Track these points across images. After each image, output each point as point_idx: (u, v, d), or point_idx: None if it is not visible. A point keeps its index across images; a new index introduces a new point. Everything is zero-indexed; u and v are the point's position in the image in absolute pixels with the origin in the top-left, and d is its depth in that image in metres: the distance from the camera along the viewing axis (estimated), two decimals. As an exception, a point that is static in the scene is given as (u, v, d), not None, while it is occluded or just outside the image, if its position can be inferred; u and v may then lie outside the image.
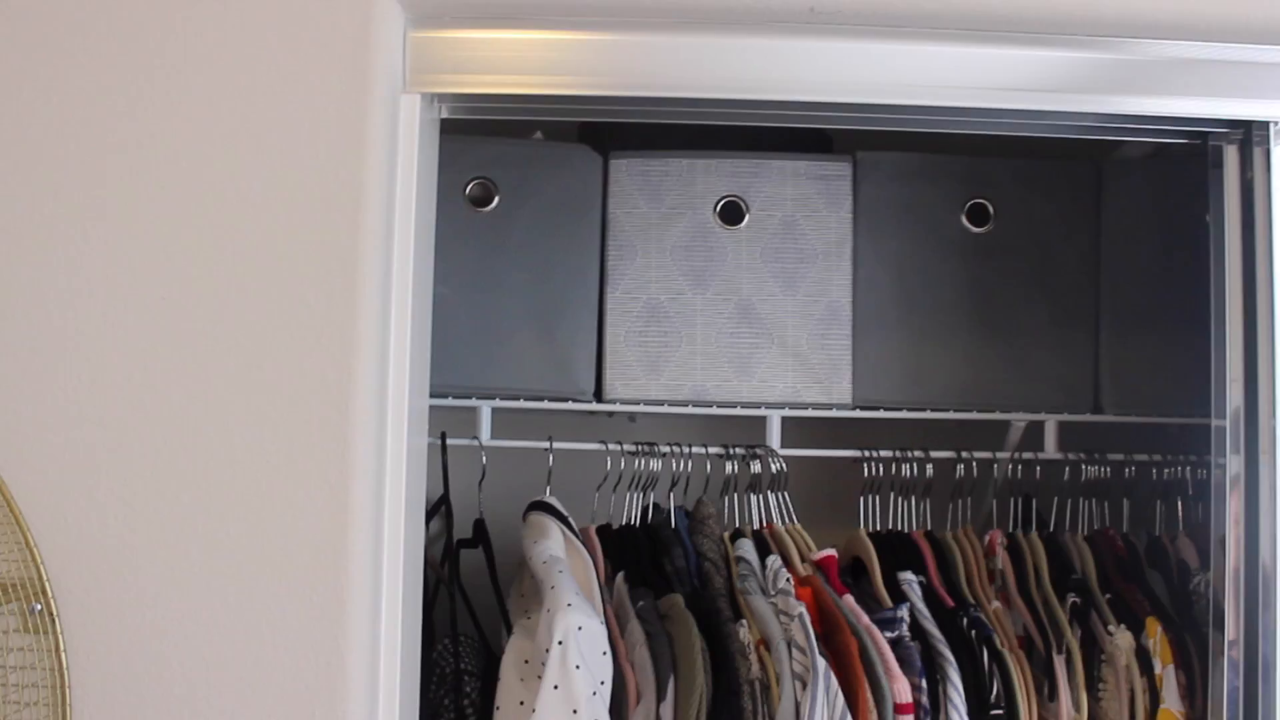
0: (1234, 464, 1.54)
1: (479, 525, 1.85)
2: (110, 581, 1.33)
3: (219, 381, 1.34)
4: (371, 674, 1.34)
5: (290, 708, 1.31)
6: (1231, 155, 1.55)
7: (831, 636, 1.63)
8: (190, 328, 1.35)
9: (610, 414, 2.12)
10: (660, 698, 1.56)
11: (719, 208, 1.89)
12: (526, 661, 1.57)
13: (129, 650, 1.32)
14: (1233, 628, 1.53)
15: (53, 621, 1.30)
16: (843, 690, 1.55)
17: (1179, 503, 1.96)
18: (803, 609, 1.59)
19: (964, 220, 1.92)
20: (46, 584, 1.31)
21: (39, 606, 1.30)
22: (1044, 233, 1.93)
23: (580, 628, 1.48)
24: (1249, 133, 1.53)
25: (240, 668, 1.31)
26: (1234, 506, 1.54)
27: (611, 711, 1.52)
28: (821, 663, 1.54)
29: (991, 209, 1.92)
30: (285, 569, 1.32)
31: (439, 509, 1.87)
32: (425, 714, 1.69)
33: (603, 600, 1.65)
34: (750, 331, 1.88)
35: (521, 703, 1.53)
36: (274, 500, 1.33)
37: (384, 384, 1.38)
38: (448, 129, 1.56)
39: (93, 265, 1.35)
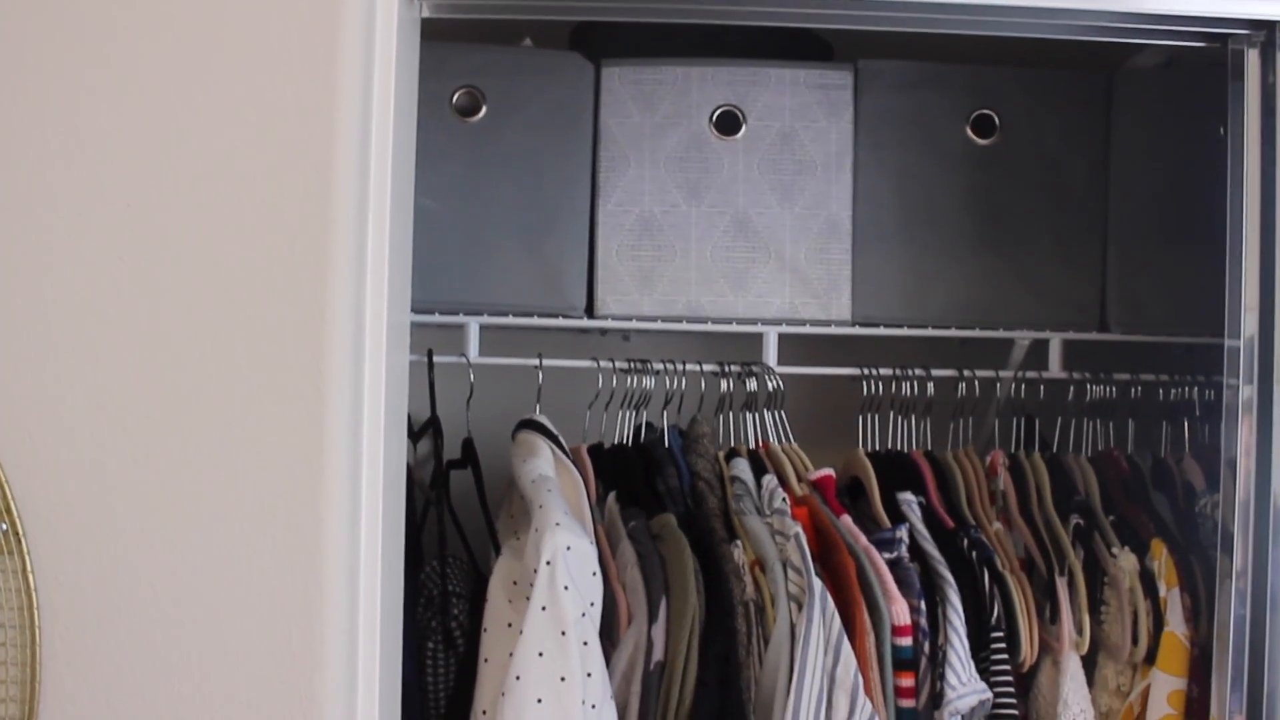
0: (1246, 392, 1.49)
1: (467, 445, 1.80)
2: (79, 501, 1.28)
3: (188, 295, 1.29)
4: (350, 594, 1.29)
5: (267, 627, 1.27)
6: (1253, 60, 1.47)
7: (828, 557, 1.59)
8: (158, 239, 1.29)
9: (603, 333, 2.07)
10: (652, 619, 1.52)
11: (715, 118, 1.82)
12: (515, 583, 1.52)
13: (99, 570, 1.27)
14: (1240, 557, 1.48)
15: (19, 541, 1.26)
16: (839, 612, 1.51)
17: (1185, 424, 1.91)
18: (799, 529, 1.55)
19: (969, 132, 1.86)
20: (12, 503, 1.26)
21: (4, 526, 1.25)
22: (1052, 146, 1.87)
23: (569, 547, 1.43)
24: (1272, 34, 1.45)
25: (214, 588, 1.27)
26: (1245, 436, 1.49)
27: (602, 634, 1.47)
28: (818, 584, 1.50)
29: (997, 120, 1.86)
30: (259, 488, 1.27)
31: (427, 430, 1.83)
32: (412, 636, 1.66)
33: (593, 520, 1.60)
34: (746, 246, 1.82)
35: (509, 625, 1.49)
36: (247, 418, 1.28)
37: (361, 298, 1.32)
38: (432, 35, 1.49)
39: (58, 172, 1.29)
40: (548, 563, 1.42)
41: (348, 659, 1.28)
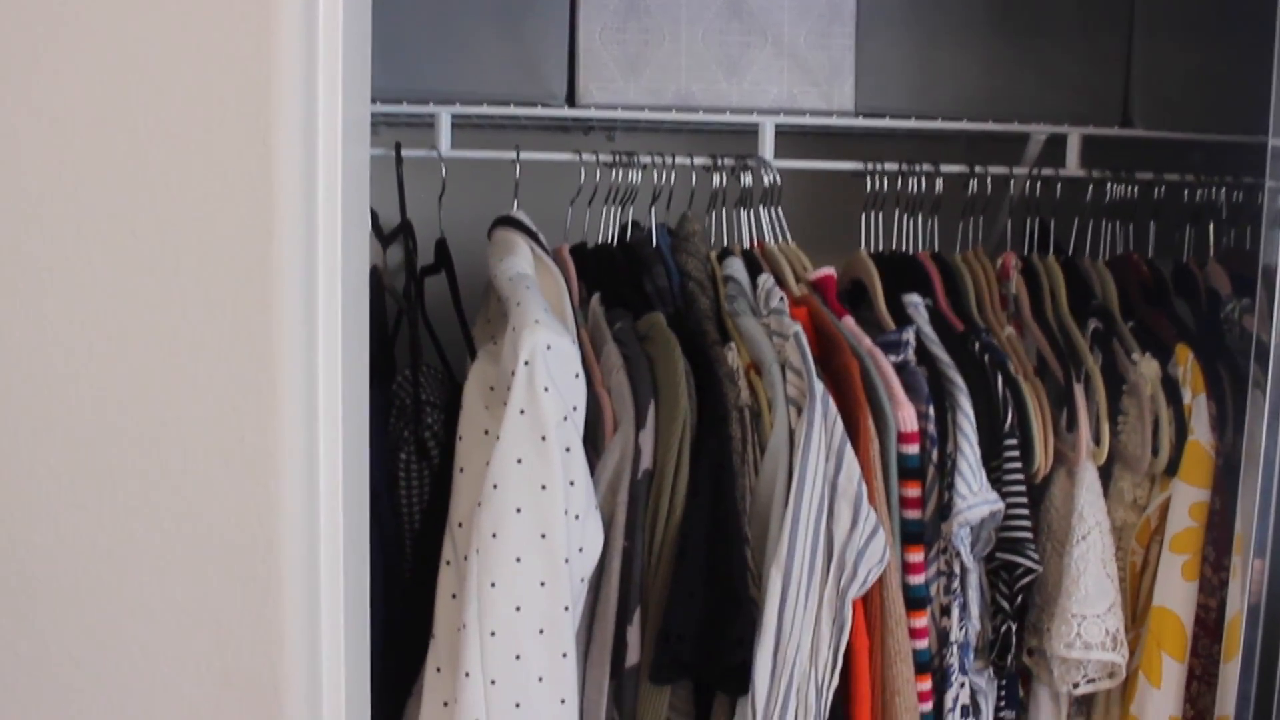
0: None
1: (441, 246, 1.66)
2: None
3: (122, 69, 1.13)
4: (308, 396, 1.16)
5: (215, 429, 1.14)
6: None
7: (830, 360, 1.47)
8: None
9: (585, 131, 1.93)
10: (639, 425, 1.40)
11: (708, -118, 1.65)
12: (491, 388, 1.40)
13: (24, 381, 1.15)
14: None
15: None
16: (842, 418, 1.39)
17: (1211, 227, 1.79)
18: (798, 328, 1.43)
19: (985, -95, 1.70)
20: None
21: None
22: (1073, -82, 1.71)
23: (549, 346, 1.30)
24: None
25: (162, 388, 1.14)
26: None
27: (586, 443, 1.36)
28: (819, 386, 1.38)
29: (1015, -108, 1.69)
30: (202, 287, 1.13)
31: (399, 235, 1.69)
32: (383, 448, 1.55)
33: (576, 324, 1.48)
34: (741, 28, 1.67)
35: (486, 432, 1.37)
36: (187, 208, 1.13)
37: (312, 86, 1.15)
38: None
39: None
40: (526, 363, 1.29)
41: (307, 465, 1.16)
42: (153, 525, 1.16)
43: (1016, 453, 1.49)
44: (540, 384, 1.29)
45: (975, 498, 1.42)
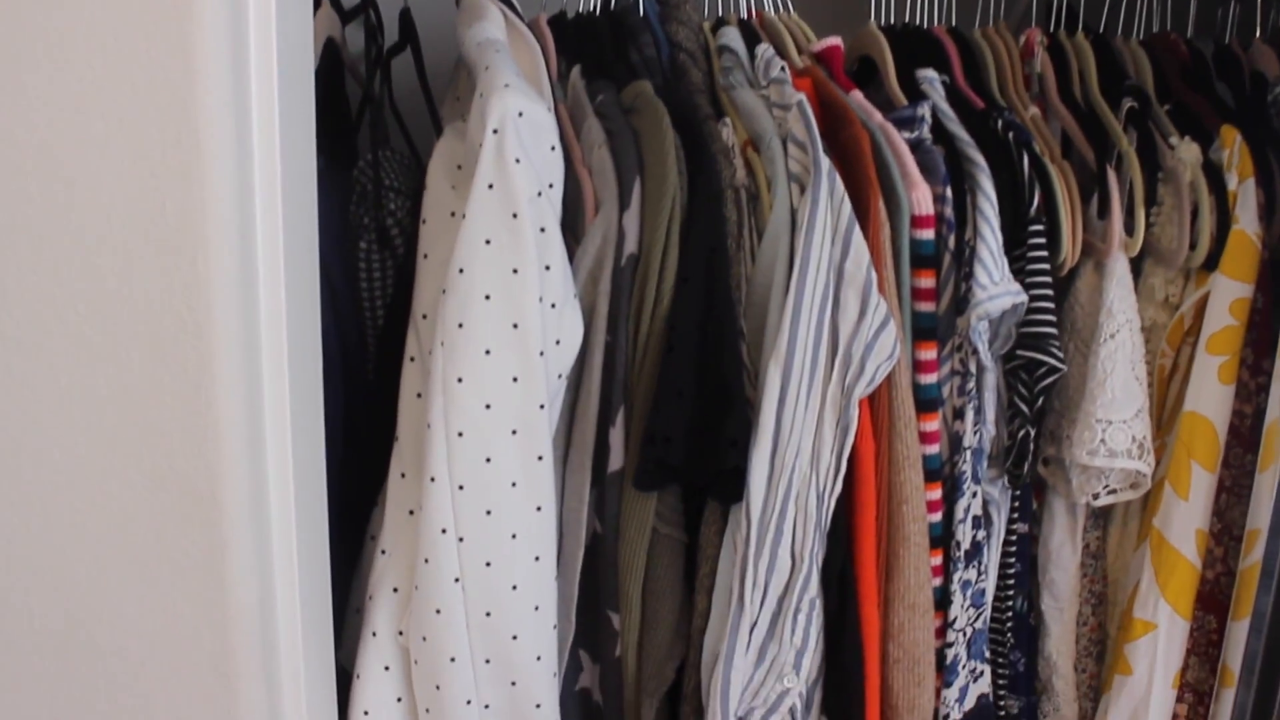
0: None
1: (405, 17, 1.50)
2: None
3: None
4: (240, 156, 1.01)
5: (132, 201, 0.99)
6: None
7: (836, 135, 1.31)
8: None
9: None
10: (623, 205, 1.25)
11: None
12: (459, 167, 1.25)
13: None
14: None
15: None
16: (850, 198, 1.24)
17: (1258, 5, 1.61)
18: (801, 96, 1.26)
19: None
20: None
21: None
22: None
23: (521, 113, 1.14)
24: None
25: (64, 154, 0.99)
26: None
27: (565, 231, 1.21)
28: (825, 160, 1.23)
29: None
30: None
31: (360, 12, 1.52)
32: (342, 238, 1.41)
33: (554, 99, 1.31)
34: None
35: (453, 214, 1.22)
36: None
37: None
38: None
39: None
40: (495, 131, 1.13)
41: (240, 236, 1.01)
42: (65, 307, 1.02)
43: (1043, 239, 1.34)
44: (511, 155, 1.13)
45: (996, 288, 1.28)
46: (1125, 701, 1.48)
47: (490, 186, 1.14)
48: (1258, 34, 1.61)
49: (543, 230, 1.16)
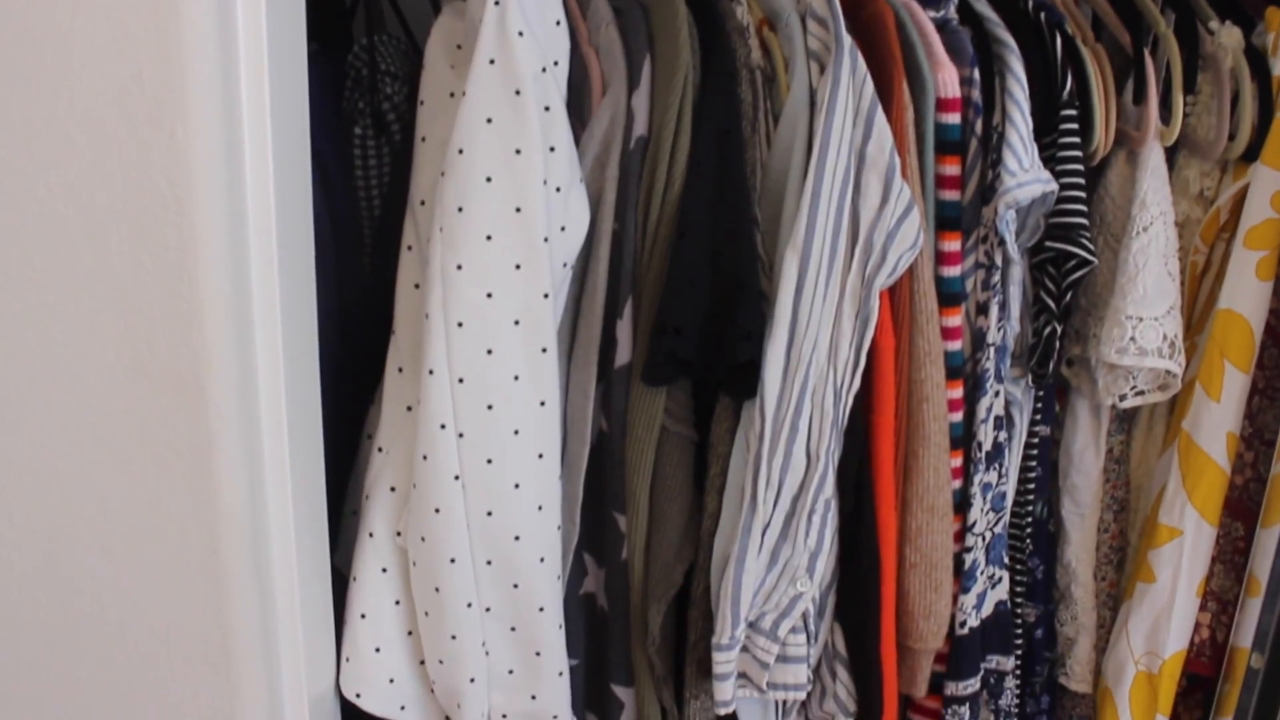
0: None
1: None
2: None
3: None
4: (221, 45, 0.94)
5: (103, 65, 0.92)
6: None
7: (857, 13, 1.24)
8: None
9: None
10: (632, 86, 1.18)
11: None
12: (459, 46, 1.18)
13: None
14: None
15: None
16: (872, 78, 1.17)
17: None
18: (822, -34, 1.19)
19: None
20: None
21: None
22: None
23: (524, -17, 1.07)
24: None
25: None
26: None
27: (570, 113, 1.14)
28: (847, 38, 1.15)
29: None
30: None
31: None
32: (336, 121, 1.34)
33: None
34: None
35: (452, 94, 1.15)
36: None
37: None
38: None
39: None
40: (496, 3, 1.07)
41: (223, 102, 0.93)
42: (37, 184, 0.95)
43: (1075, 125, 1.27)
44: (514, 27, 1.06)
45: (1025, 175, 1.22)
46: (1147, 609, 1.43)
47: (491, 62, 1.07)
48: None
49: (547, 109, 1.10)
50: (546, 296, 1.11)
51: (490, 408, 1.12)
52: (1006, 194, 1.21)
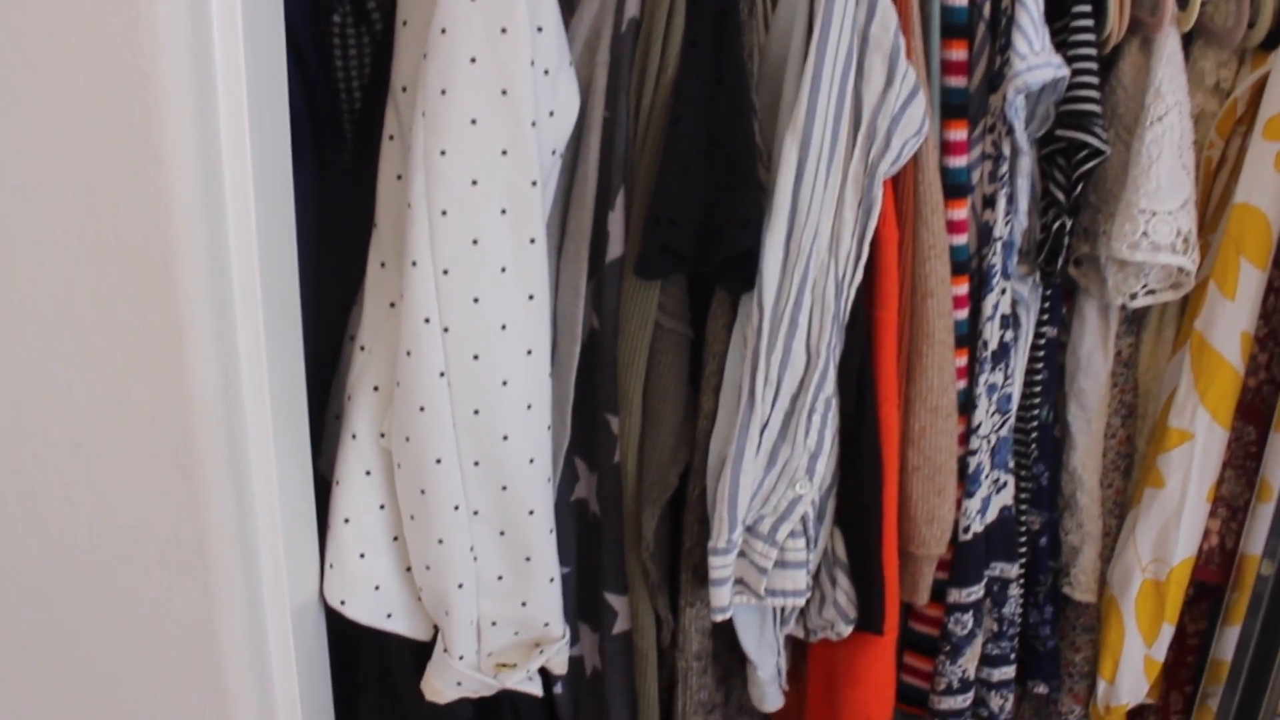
0: None
1: None
2: None
3: None
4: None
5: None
6: None
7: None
8: None
9: None
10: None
11: None
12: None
13: None
14: None
15: None
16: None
17: None
18: None
19: None
20: None
21: None
22: None
23: None
24: None
25: None
26: None
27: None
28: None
29: None
30: None
31: None
32: (313, 6, 1.28)
33: None
34: None
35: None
36: None
37: None
38: None
39: None
40: None
41: (193, 9, 0.88)
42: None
43: (1088, 8, 1.21)
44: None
45: (1036, 58, 1.16)
46: (1155, 515, 1.40)
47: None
48: None
49: (533, -15, 1.04)
50: (535, 184, 1.06)
51: (476, 301, 1.07)
52: (1016, 78, 1.16)
